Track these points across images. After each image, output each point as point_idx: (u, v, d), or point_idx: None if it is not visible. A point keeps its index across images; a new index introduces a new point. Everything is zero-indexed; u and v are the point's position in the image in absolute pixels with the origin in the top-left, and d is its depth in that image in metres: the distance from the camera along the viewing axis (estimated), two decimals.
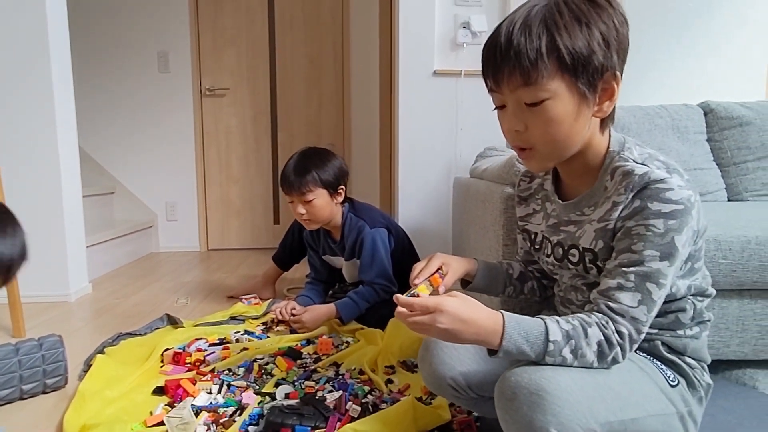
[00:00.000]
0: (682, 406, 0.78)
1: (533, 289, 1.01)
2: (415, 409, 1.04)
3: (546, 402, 0.64)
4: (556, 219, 0.88)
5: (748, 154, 1.73)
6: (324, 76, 3.46)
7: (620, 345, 0.70)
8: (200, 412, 1.12)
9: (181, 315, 1.89)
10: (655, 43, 2.26)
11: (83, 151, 3.29)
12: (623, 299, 0.71)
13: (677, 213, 0.70)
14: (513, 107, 0.74)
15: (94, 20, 3.24)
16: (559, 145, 0.75)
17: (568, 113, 0.72)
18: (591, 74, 0.70)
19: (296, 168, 1.68)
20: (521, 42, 0.69)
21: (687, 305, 0.81)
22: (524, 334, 0.69)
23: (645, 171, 0.72)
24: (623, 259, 0.73)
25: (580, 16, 0.70)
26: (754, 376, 1.20)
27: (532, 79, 0.70)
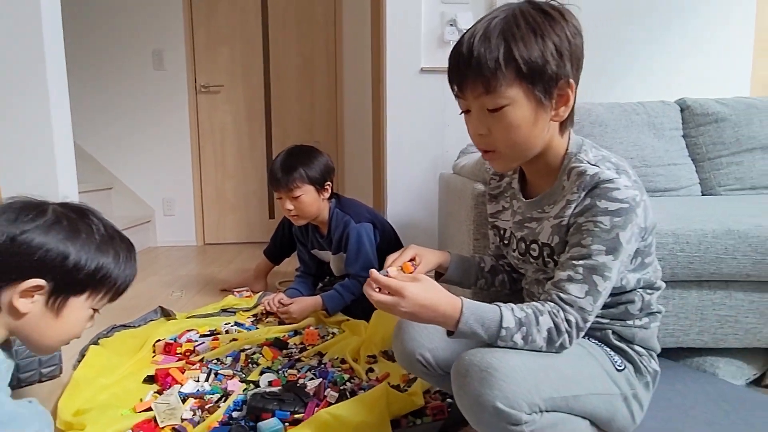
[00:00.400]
0: (627, 388, 0.84)
1: (504, 282, 1.07)
2: (388, 394, 1.10)
3: (494, 378, 0.71)
4: (521, 216, 0.93)
5: (723, 149, 1.78)
6: (317, 74, 3.50)
7: (568, 332, 0.76)
8: (187, 399, 1.19)
9: (175, 307, 1.95)
10: (638, 41, 2.30)
11: (81, 148, 3.35)
12: (572, 290, 0.77)
13: (622, 211, 0.75)
14: (476, 112, 0.80)
15: (89, 19, 3.29)
16: (519, 147, 0.82)
17: (526, 118, 0.78)
18: (546, 82, 0.76)
19: (283, 165, 1.74)
20: (481, 52, 0.75)
21: (636, 297, 0.86)
22: (480, 319, 0.75)
23: (596, 171, 0.78)
24: (574, 253, 0.79)
25: (535, 28, 0.75)
26: (715, 363, 1.26)
27: (491, 87, 0.76)
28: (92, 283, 0.78)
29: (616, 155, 0.85)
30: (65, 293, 0.76)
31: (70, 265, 0.75)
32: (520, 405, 0.71)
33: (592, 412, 0.80)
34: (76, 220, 0.78)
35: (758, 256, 1.15)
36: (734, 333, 1.22)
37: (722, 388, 1.16)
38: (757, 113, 1.78)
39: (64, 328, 0.78)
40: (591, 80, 2.29)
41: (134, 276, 0.85)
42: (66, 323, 0.78)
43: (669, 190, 1.75)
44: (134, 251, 0.86)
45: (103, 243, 0.79)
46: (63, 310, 0.77)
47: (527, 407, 0.71)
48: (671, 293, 1.21)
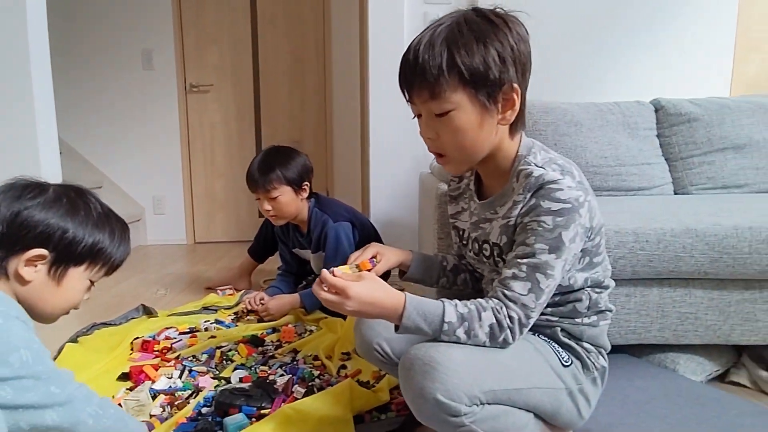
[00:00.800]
0: (573, 383, 0.87)
1: (466, 281, 1.09)
2: (352, 390, 1.13)
3: (436, 371, 0.74)
4: (476, 217, 0.96)
5: (695, 149, 1.80)
6: (306, 73, 3.52)
7: (510, 328, 0.79)
8: (158, 395, 1.21)
9: (159, 306, 1.98)
10: (618, 42, 2.32)
11: (71, 147, 3.38)
12: (516, 287, 0.79)
13: (565, 211, 0.78)
14: (425, 117, 0.84)
15: (79, 19, 3.31)
16: (467, 151, 0.85)
17: (471, 122, 0.81)
18: (489, 87, 0.79)
19: (260, 166, 1.76)
20: (425, 59, 0.78)
21: (583, 296, 0.89)
22: (422, 315, 0.78)
23: (540, 173, 0.81)
24: (519, 252, 0.81)
25: (478, 35, 0.78)
26: (676, 359, 1.29)
27: (436, 92, 0.79)
28: (90, 256, 0.85)
29: (565, 158, 0.87)
30: (65, 264, 0.83)
31: (69, 238, 0.81)
32: (460, 397, 0.73)
33: (536, 405, 0.83)
34: (75, 198, 0.85)
35: (715, 255, 1.17)
36: (694, 330, 1.24)
37: (680, 383, 1.19)
38: (729, 113, 1.80)
39: (65, 296, 0.85)
40: (569, 81, 2.33)
41: (128, 253, 0.92)
42: (66, 292, 0.84)
43: (642, 189, 1.77)
44: (128, 230, 0.92)
45: (99, 220, 0.86)
46: (63, 279, 0.83)
47: (467, 399, 0.74)
48: (633, 291, 1.24)
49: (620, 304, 1.23)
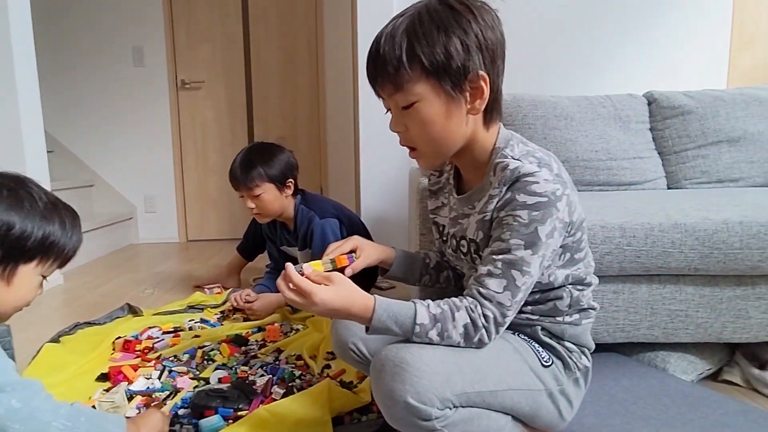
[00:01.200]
0: (554, 384, 0.84)
1: (449, 278, 1.06)
2: (330, 391, 1.10)
3: (406, 373, 0.70)
4: (455, 212, 0.93)
5: (689, 142, 1.76)
6: (298, 69, 3.49)
7: (485, 327, 0.76)
8: (134, 397, 1.18)
9: (145, 305, 1.95)
10: (610, 35, 2.28)
11: (62, 145, 3.35)
12: (491, 285, 0.76)
13: (540, 205, 0.75)
14: (393, 111, 0.82)
15: (69, 16, 3.28)
16: (437, 143, 0.81)
17: (438, 113, 0.78)
18: (453, 76, 0.76)
19: (242, 164, 1.74)
20: (386, 51, 0.76)
21: (564, 294, 0.85)
22: (393, 317, 0.74)
23: (516, 166, 0.77)
24: (494, 248, 0.78)
25: (439, 24, 0.75)
26: (666, 358, 1.25)
27: (398, 84, 0.77)
28: (41, 251, 0.80)
29: (544, 150, 0.84)
30: (14, 262, 0.78)
31: (16, 234, 0.76)
32: (431, 400, 0.70)
33: (513, 407, 0.79)
34: (16, 189, 0.79)
35: (706, 250, 1.14)
36: (685, 327, 1.21)
37: (668, 383, 1.15)
38: (723, 106, 1.76)
39: (16, 296, 0.80)
40: (559, 74, 2.29)
41: (81, 242, 0.87)
42: (17, 291, 0.79)
43: (634, 183, 1.73)
44: (78, 218, 0.87)
45: (47, 211, 0.80)
46: (14, 278, 0.78)
47: (439, 402, 0.71)
48: (621, 288, 1.20)
49: (608, 302, 1.20)
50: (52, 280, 2.28)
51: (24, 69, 2.18)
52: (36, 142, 2.26)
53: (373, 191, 2.34)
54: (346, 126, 3.32)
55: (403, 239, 2.31)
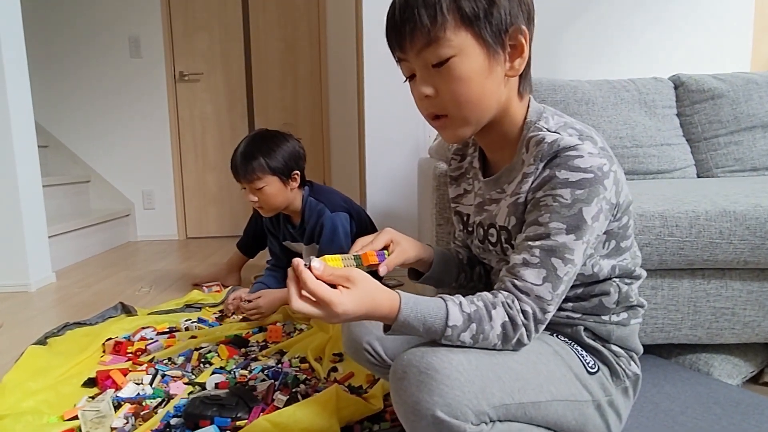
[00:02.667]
0: (601, 394, 0.72)
1: (481, 274, 0.93)
2: (339, 398, 0.98)
3: (434, 381, 0.59)
4: (481, 198, 0.82)
5: (720, 128, 1.64)
6: (300, 59, 3.38)
7: (525, 325, 0.65)
8: (122, 405, 1.07)
9: (141, 303, 1.84)
10: (630, 17, 2.16)
11: (56, 139, 3.25)
12: (528, 276, 0.65)
13: (585, 182, 0.64)
14: (421, 72, 0.70)
15: (62, 6, 3.17)
16: (472, 107, 0.70)
17: (477, 70, 0.67)
18: (495, 27, 0.66)
19: (243, 154, 1.61)
20: (418, 0, 0.66)
21: (611, 288, 0.74)
22: (421, 318, 0.63)
23: (554, 138, 0.67)
24: (530, 233, 0.67)
25: None
26: (709, 361, 1.14)
27: (433, 36, 0.66)
28: None
29: (583, 123, 0.73)
30: None
31: None
32: (465, 414, 0.59)
33: (557, 421, 0.68)
34: None
35: (757, 240, 1.02)
36: (731, 327, 1.09)
37: (715, 389, 1.03)
38: (756, 89, 1.64)
39: None
40: (577, 58, 2.17)
41: None
42: None
43: (662, 172, 1.62)
44: None
45: None
46: None
47: (473, 416, 0.59)
48: (660, 283, 1.09)
49: (646, 298, 1.08)
50: (43, 278, 2.18)
51: (12, 59, 2.07)
52: (26, 136, 2.15)
53: (380, 184, 2.23)
54: (350, 117, 3.21)
55: (412, 232, 2.19)
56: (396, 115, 2.18)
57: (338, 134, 3.39)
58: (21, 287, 2.09)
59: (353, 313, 0.61)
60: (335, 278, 0.62)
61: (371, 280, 0.64)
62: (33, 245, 2.14)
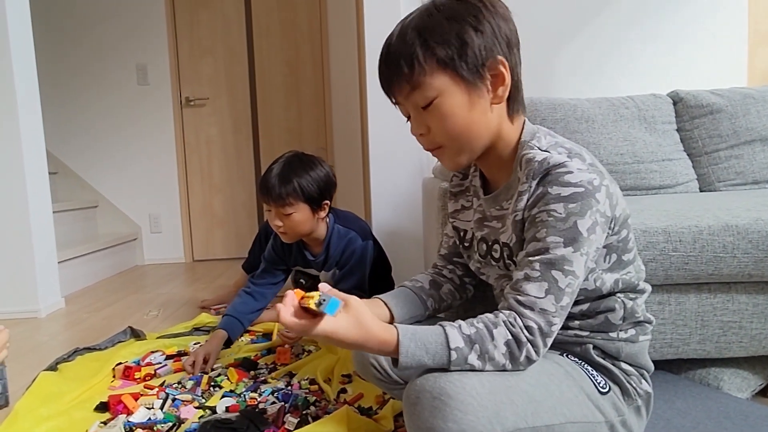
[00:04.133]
0: (614, 415, 0.73)
1: (452, 292, 0.94)
2: (350, 419, 0.99)
3: (448, 407, 0.60)
4: (481, 214, 0.85)
5: (720, 142, 1.66)
6: (303, 82, 3.44)
7: (531, 341, 0.65)
8: (134, 430, 1.08)
9: (150, 327, 1.86)
10: (626, 34, 2.20)
11: (66, 166, 3.30)
12: (530, 290, 0.67)
13: (577, 196, 0.67)
14: (413, 113, 0.76)
15: (72, 35, 3.25)
16: (462, 137, 0.74)
17: (460, 105, 0.72)
18: (471, 62, 0.71)
19: (279, 177, 1.54)
20: (398, 51, 0.72)
21: (616, 305, 0.75)
22: (423, 346, 0.64)
23: (544, 157, 0.70)
24: (529, 249, 0.69)
25: (449, 15, 0.71)
26: (719, 375, 1.13)
27: (415, 82, 0.72)
28: None
29: (574, 143, 0.76)
30: None
31: None
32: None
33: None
34: None
35: (760, 254, 1.03)
36: (739, 341, 1.10)
37: (725, 403, 1.03)
38: (754, 103, 1.67)
39: None
40: (575, 77, 2.21)
41: None
42: None
43: (664, 187, 1.63)
44: None
45: None
46: None
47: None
48: (667, 298, 1.09)
49: (653, 314, 1.08)
50: (53, 304, 2.19)
51: (25, 88, 2.13)
52: (37, 163, 2.19)
53: (385, 205, 2.25)
54: (353, 139, 3.25)
55: (417, 252, 2.21)
56: (400, 134, 2.20)
57: (342, 155, 3.43)
58: (31, 313, 2.11)
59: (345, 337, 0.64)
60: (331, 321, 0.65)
61: (367, 310, 0.67)
62: (43, 271, 2.16)
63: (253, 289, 1.69)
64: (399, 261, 2.16)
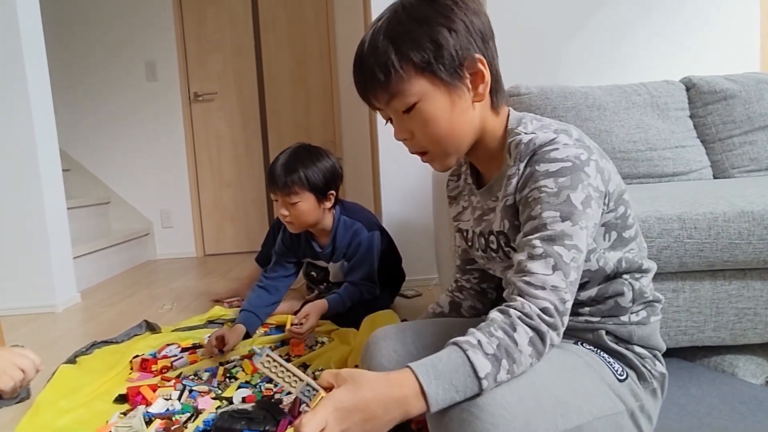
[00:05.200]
0: (633, 401, 0.73)
1: (472, 307, 0.94)
2: None
3: (478, 420, 0.57)
4: (480, 210, 0.83)
5: (734, 128, 1.64)
6: (311, 76, 3.44)
7: (550, 325, 0.62)
8: (153, 420, 1.10)
9: (164, 321, 1.88)
10: (639, 22, 2.17)
11: (79, 163, 3.34)
12: (536, 268, 0.64)
13: (566, 170, 0.66)
14: (395, 118, 0.75)
15: (81, 33, 3.28)
16: (447, 140, 0.73)
17: (442, 108, 0.71)
18: (449, 65, 0.70)
19: (284, 166, 1.58)
20: (371, 60, 0.71)
21: (624, 287, 0.74)
22: (449, 382, 0.58)
23: (530, 138, 0.70)
24: (527, 228, 0.68)
25: (419, 18, 0.70)
26: (734, 362, 1.13)
27: (394, 90, 0.70)
28: None
29: (560, 122, 0.75)
30: None
31: None
32: None
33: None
34: None
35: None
36: (753, 327, 1.09)
37: (740, 389, 1.03)
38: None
39: None
40: (585, 64, 2.18)
41: None
42: None
43: (678, 174, 1.62)
44: None
45: None
46: None
47: None
48: (682, 285, 1.09)
49: (668, 301, 1.08)
50: (69, 299, 2.23)
51: (38, 89, 2.15)
52: (51, 161, 2.22)
53: (394, 197, 2.26)
54: (362, 131, 3.26)
55: (428, 245, 2.21)
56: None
57: (351, 148, 3.43)
58: (48, 308, 2.14)
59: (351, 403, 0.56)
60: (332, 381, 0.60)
61: (366, 373, 0.60)
62: (59, 267, 2.19)
63: (267, 283, 1.71)
64: (410, 253, 2.17)
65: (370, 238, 1.69)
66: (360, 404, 0.56)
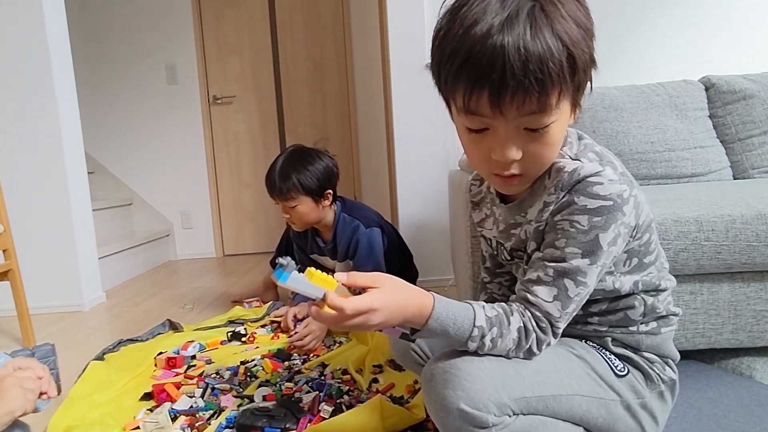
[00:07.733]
0: (632, 396, 0.74)
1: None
2: (383, 408, 1.02)
3: (456, 378, 0.64)
4: (504, 224, 0.81)
5: (754, 128, 1.62)
6: (327, 77, 3.47)
7: (538, 331, 0.68)
8: (178, 417, 1.14)
9: (185, 320, 1.93)
10: (656, 19, 2.15)
11: (101, 165, 3.42)
12: (539, 292, 0.68)
13: (603, 210, 0.64)
14: (509, 133, 0.62)
15: (103, 40, 3.36)
16: (546, 166, 0.68)
17: (563, 131, 0.65)
18: (584, 79, 0.62)
19: (279, 174, 1.67)
20: (538, 55, 0.55)
21: (636, 302, 0.75)
22: (452, 317, 0.66)
23: (575, 167, 0.66)
24: (546, 254, 0.69)
25: (580, 22, 0.60)
26: (752, 364, 1.12)
27: (547, 104, 0.58)
28: None
29: (601, 147, 0.73)
30: None
31: None
32: (487, 406, 0.63)
33: (583, 417, 0.70)
34: None
35: None
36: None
37: (757, 391, 1.03)
38: None
39: None
40: (603, 63, 2.17)
41: None
42: None
43: (697, 175, 1.60)
44: None
45: None
46: None
47: (495, 408, 0.63)
48: (699, 288, 1.09)
49: (685, 304, 1.08)
50: (95, 298, 2.30)
51: (65, 95, 2.22)
52: (77, 164, 2.29)
53: (411, 198, 2.27)
54: (379, 132, 3.27)
55: (444, 246, 2.22)
56: (425, 127, 2.22)
57: (367, 149, 3.46)
58: (76, 307, 2.21)
59: (391, 308, 0.63)
60: (364, 282, 0.65)
61: (396, 278, 0.67)
62: (85, 267, 2.26)
63: None
64: (426, 253, 2.18)
65: (368, 236, 1.72)
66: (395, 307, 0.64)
